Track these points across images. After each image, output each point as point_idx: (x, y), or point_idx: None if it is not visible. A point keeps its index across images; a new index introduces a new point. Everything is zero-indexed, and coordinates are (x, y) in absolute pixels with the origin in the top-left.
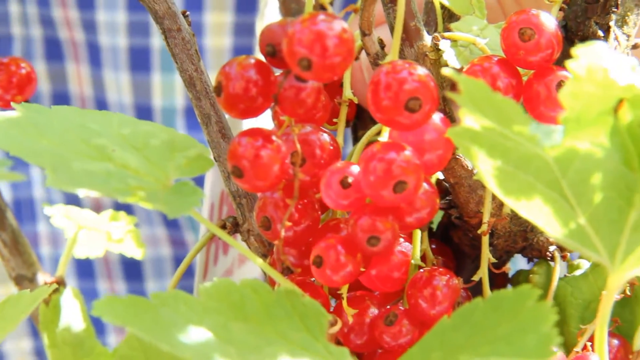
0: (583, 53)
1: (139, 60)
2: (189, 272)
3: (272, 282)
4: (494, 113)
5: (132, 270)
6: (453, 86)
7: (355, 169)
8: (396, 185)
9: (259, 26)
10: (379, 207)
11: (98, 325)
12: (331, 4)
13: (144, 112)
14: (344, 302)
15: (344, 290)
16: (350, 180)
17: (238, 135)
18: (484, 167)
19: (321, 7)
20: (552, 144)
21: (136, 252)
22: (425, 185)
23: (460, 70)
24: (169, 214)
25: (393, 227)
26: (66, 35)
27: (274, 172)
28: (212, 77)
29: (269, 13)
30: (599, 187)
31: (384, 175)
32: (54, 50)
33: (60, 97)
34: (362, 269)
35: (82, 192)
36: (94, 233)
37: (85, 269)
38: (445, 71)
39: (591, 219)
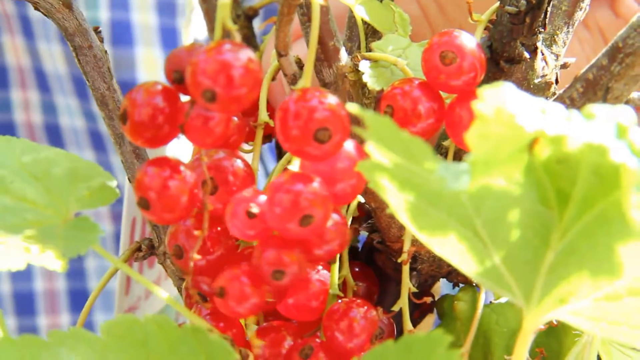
0: (490, 95)
1: None
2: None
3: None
4: (401, 150)
5: None
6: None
7: (263, 198)
8: (303, 218)
9: (185, 32)
10: (285, 239)
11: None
12: (248, 35)
13: (79, 82)
14: (251, 334)
15: (250, 321)
16: (255, 210)
17: (145, 165)
18: (395, 201)
19: (227, 35)
20: (458, 187)
21: (56, 265)
22: (335, 216)
23: (380, 93)
24: (65, 253)
25: (299, 261)
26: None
27: (183, 203)
28: (142, 55)
29: (195, 18)
30: (514, 225)
31: (290, 208)
32: None
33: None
34: (270, 300)
35: None
36: (14, 247)
37: None
38: (349, 107)
39: (506, 258)
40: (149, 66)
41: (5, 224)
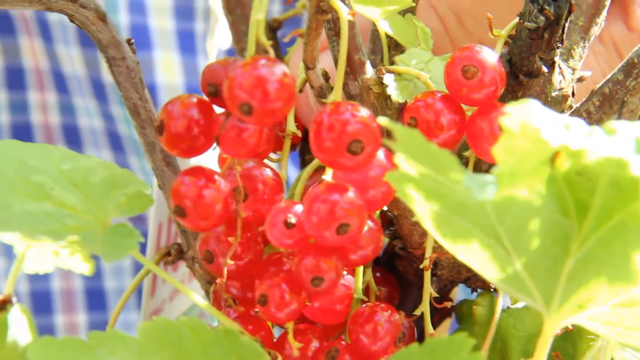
0: (516, 110)
1: (87, 35)
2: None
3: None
4: (428, 162)
5: None
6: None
7: (299, 208)
8: (339, 227)
9: (210, 43)
10: (322, 247)
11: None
12: (273, 46)
13: (97, 85)
14: (290, 337)
15: (289, 326)
16: (293, 220)
17: (181, 174)
18: (421, 210)
19: (263, 50)
20: (484, 198)
21: (84, 268)
22: (369, 223)
23: (403, 105)
24: (105, 258)
25: (337, 267)
26: (16, 11)
27: (217, 211)
28: (160, 59)
29: (219, 31)
30: (535, 234)
31: (326, 217)
32: (6, 25)
33: (15, 72)
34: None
35: (13, 238)
36: (43, 250)
37: None
38: (380, 120)
39: (527, 265)
40: (167, 70)
41: (47, 229)
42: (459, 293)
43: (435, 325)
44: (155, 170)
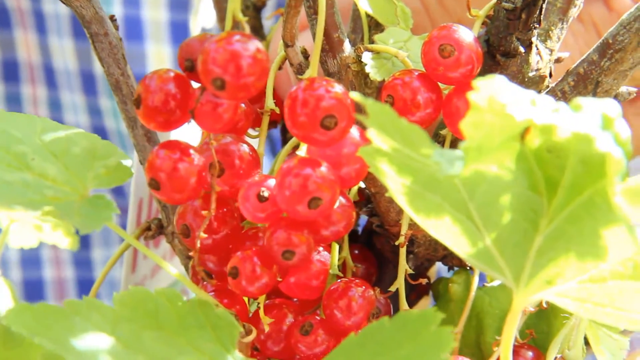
0: (483, 86)
1: (81, 27)
2: None
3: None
4: (400, 137)
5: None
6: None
7: (272, 182)
8: (311, 201)
9: (193, 23)
10: (294, 220)
11: None
12: (256, 25)
13: (88, 78)
14: (261, 311)
15: (260, 299)
16: (266, 194)
17: (156, 148)
18: (394, 185)
19: (237, 25)
20: (453, 172)
21: (65, 242)
22: (341, 199)
23: (382, 83)
24: (81, 228)
25: (308, 241)
26: (13, 3)
27: (191, 185)
28: (152, 50)
29: (203, 10)
30: (505, 210)
31: (298, 191)
32: (3, 19)
33: (10, 65)
34: (279, 279)
35: None
36: (26, 225)
37: None
38: (352, 95)
39: (497, 241)
40: (159, 61)
41: (25, 199)
42: (440, 272)
43: (412, 303)
44: (136, 145)
